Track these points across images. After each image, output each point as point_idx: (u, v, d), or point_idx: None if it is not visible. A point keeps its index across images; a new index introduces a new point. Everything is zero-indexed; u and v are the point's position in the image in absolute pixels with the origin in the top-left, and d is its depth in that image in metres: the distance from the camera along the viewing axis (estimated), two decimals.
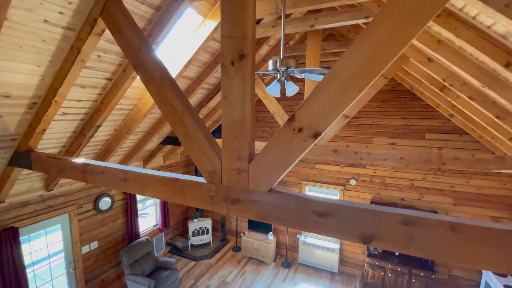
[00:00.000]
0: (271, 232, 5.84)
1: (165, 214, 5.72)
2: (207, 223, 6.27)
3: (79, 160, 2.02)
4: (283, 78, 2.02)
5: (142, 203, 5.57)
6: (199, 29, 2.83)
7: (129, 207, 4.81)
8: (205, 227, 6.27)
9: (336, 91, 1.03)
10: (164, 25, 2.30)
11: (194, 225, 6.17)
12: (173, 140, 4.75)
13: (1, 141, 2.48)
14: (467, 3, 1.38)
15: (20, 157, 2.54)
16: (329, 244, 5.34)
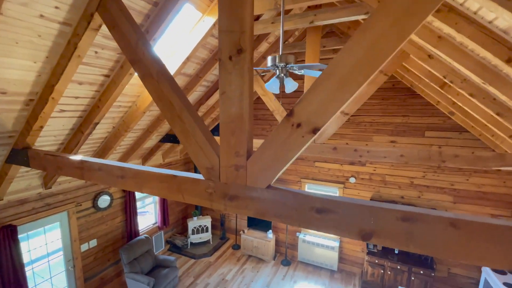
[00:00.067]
0: (270, 230, 5.84)
1: (164, 212, 5.71)
2: (207, 221, 6.27)
3: (77, 157, 2.01)
4: (282, 74, 2.00)
5: (142, 201, 5.56)
6: (198, 25, 2.80)
7: (128, 205, 4.80)
8: (205, 225, 6.27)
9: (335, 86, 1.01)
10: (162, 20, 2.27)
11: (193, 223, 6.17)
12: (172, 138, 4.74)
13: None
14: None
15: (18, 155, 2.52)
16: (328, 242, 5.34)
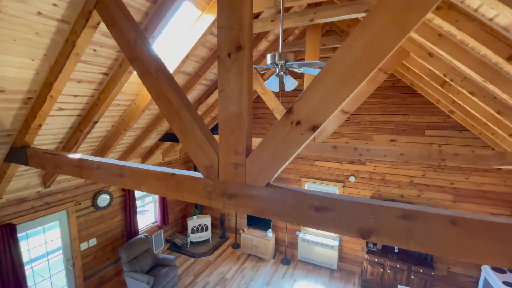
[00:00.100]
0: (270, 229, 5.84)
1: (164, 211, 5.71)
2: (206, 220, 6.26)
3: (75, 155, 2.00)
4: (281, 72, 1.99)
5: (141, 200, 5.56)
6: (197, 23, 2.79)
7: (127, 204, 4.80)
8: (204, 224, 6.27)
9: (334, 83, 1.00)
10: (160, 18, 2.26)
11: (193, 222, 6.16)
12: (171, 137, 4.73)
13: None
14: None
15: (16, 153, 2.51)
16: (328, 241, 5.34)
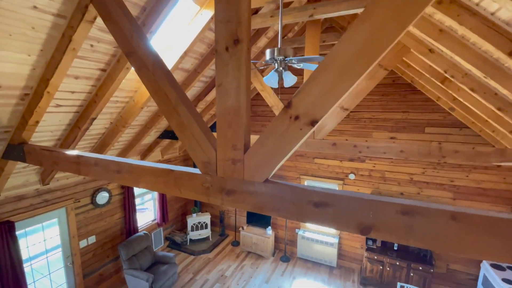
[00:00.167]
0: (269, 227, 5.84)
1: (163, 209, 5.70)
2: (206, 218, 6.26)
3: (73, 152, 1.98)
4: (280, 68, 1.97)
5: (141, 198, 5.55)
6: (195, 18, 2.76)
7: (127, 202, 4.79)
8: (204, 221, 6.26)
9: (334, 77, 0.99)
10: (158, 13, 2.23)
11: (192, 219, 6.16)
12: (170, 134, 4.71)
13: None
14: None
15: (14, 150, 2.49)
16: (327, 239, 5.34)
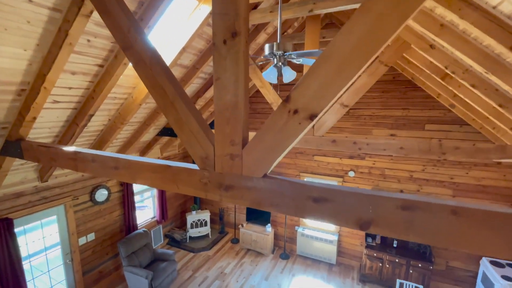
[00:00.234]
0: (269, 224, 5.84)
1: (163, 206, 5.70)
2: (205, 216, 6.26)
3: (70, 148, 1.96)
4: (280, 63, 1.95)
5: (140, 195, 5.54)
6: (194, 13, 2.73)
7: (126, 199, 4.78)
8: (204, 219, 6.26)
9: (333, 70, 0.97)
10: (156, 8, 2.20)
11: (192, 217, 6.16)
12: (169, 131, 4.69)
13: None
14: None
15: (11, 146, 2.47)
16: (327, 236, 5.34)
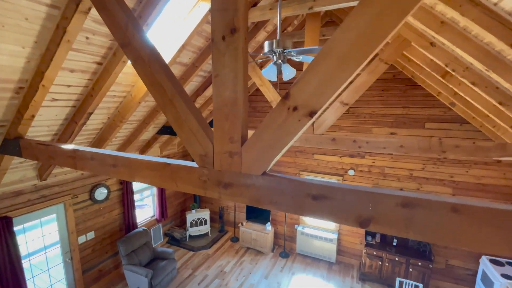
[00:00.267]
0: (269, 223, 5.84)
1: (162, 205, 5.69)
2: (205, 214, 6.26)
3: (69, 146, 1.96)
4: (279, 60, 1.94)
5: (140, 194, 5.53)
6: (193, 11, 2.71)
7: (125, 198, 4.77)
8: (203, 218, 6.26)
9: (333, 66, 0.95)
10: (154, 5, 2.18)
11: (192, 216, 6.16)
12: (169, 130, 4.68)
13: None
14: None
15: (10, 144, 2.46)
16: (327, 235, 5.34)
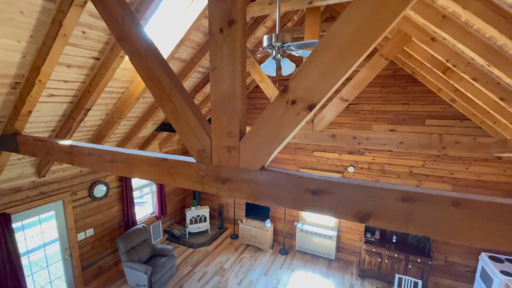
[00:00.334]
0: (268, 220, 5.83)
1: (162, 202, 5.69)
2: (205, 211, 6.26)
3: (66, 142, 1.94)
4: (278, 55, 1.91)
5: (139, 191, 5.53)
6: (191, 6, 2.68)
7: (125, 195, 4.76)
8: (203, 215, 6.26)
9: (332, 58, 0.93)
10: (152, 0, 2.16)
11: (191, 213, 6.16)
12: (168, 126, 4.66)
13: None
14: None
15: (7, 141, 2.44)
16: (326, 231, 5.35)
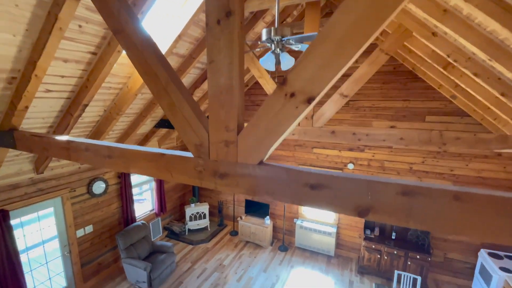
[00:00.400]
0: (268, 217, 5.84)
1: (161, 199, 5.68)
2: (204, 208, 6.26)
3: (63, 137, 1.92)
4: (278, 49, 1.89)
5: (139, 188, 5.52)
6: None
7: (124, 191, 4.75)
8: (202, 212, 6.26)
9: (331, 50, 0.91)
10: None
11: (191, 210, 6.16)
12: (166, 123, 4.64)
13: None
14: None
15: (4, 136, 2.42)
16: (325, 228, 5.35)
